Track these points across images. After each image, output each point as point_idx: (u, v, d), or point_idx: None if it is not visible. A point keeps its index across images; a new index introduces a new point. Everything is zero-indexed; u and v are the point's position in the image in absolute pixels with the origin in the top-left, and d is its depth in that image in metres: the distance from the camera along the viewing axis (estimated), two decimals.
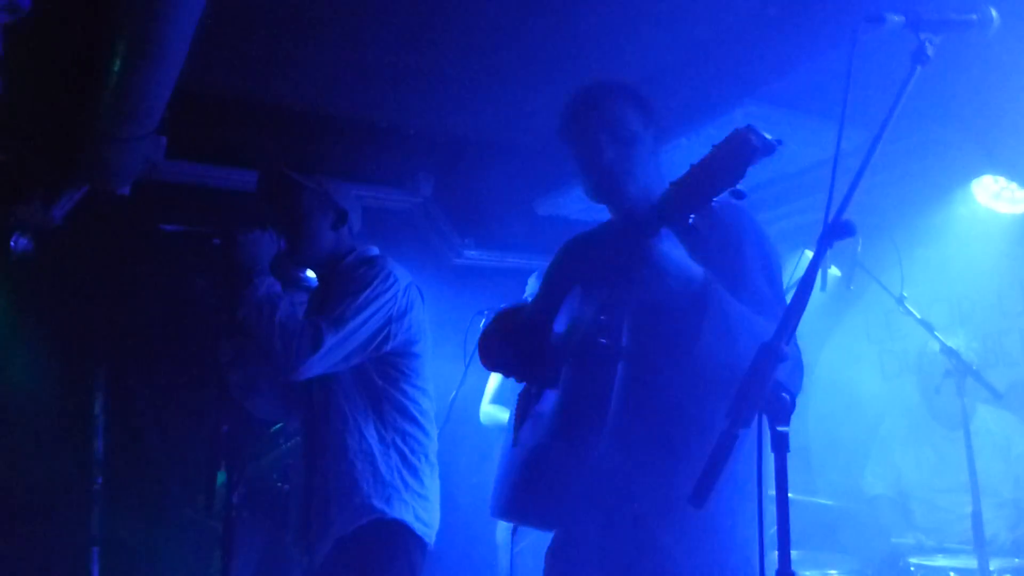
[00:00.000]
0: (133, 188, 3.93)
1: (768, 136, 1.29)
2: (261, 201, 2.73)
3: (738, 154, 1.33)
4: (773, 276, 1.78)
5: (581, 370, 1.71)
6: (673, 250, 1.54)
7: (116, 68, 2.78)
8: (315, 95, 3.93)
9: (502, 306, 2.24)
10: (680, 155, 4.17)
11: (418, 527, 2.49)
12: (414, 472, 2.53)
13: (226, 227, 2.46)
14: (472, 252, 4.89)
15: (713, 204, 1.57)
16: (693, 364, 1.57)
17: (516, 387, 2.03)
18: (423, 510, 2.53)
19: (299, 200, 2.66)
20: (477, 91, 3.90)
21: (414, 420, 2.57)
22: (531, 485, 1.75)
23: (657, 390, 1.71)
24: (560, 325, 1.90)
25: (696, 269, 1.57)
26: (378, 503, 2.43)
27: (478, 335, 4.13)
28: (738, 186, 1.37)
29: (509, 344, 2.05)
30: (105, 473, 3.93)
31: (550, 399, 1.80)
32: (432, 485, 2.59)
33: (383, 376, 2.55)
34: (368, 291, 2.45)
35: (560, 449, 1.70)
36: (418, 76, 3.76)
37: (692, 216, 1.42)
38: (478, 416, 4.40)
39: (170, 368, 3.98)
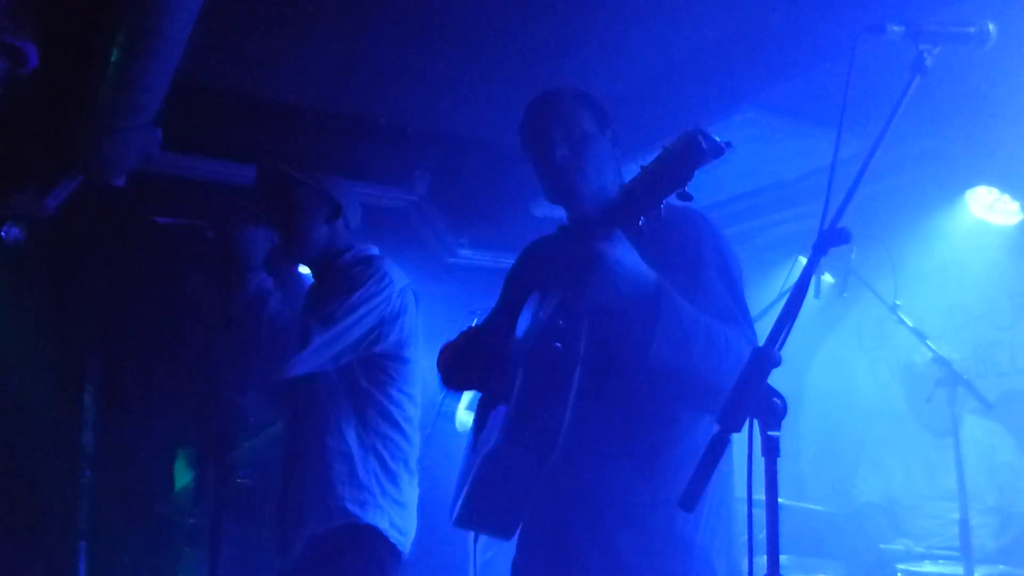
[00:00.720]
0: (128, 180, 3.92)
1: (717, 139, 1.29)
2: (258, 198, 2.71)
3: (686, 157, 1.33)
4: (733, 281, 1.75)
5: (536, 376, 1.66)
6: (625, 254, 1.52)
7: (114, 58, 2.77)
8: (313, 91, 3.93)
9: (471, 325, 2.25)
10: None
11: (392, 534, 2.44)
12: (392, 478, 2.48)
13: (221, 221, 2.45)
14: (466, 252, 4.89)
15: (668, 208, 1.57)
16: (648, 370, 1.55)
17: None
18: (399, 517, 2.47)
19: (292, 194, 2.63)
20: (475, 90, 3.90)
21: (397, 425, 2.53)
22: (486, 494, 1.71)
23: (613, 396, 1.69)
24: (520, 330, 1.89)
25: (648, 273, 1.55)
26: (352, 507, 2.39)
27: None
28: (687, 189, 1.36)
29: (468, 357, 2.04)
30: (94, 466, 3.92)
31: (509, 405, 1.76)
32: (410, 493, 2.54)
33: (369, 379, 2.50)
34: (362, 290, 2.42)
35: (515, 457, 1.66)
36: (417, 74, 3.75)
37: (642, 219, 1.41)
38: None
39: (162, 362, 3.97)
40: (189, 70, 3.13)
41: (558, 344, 1.62)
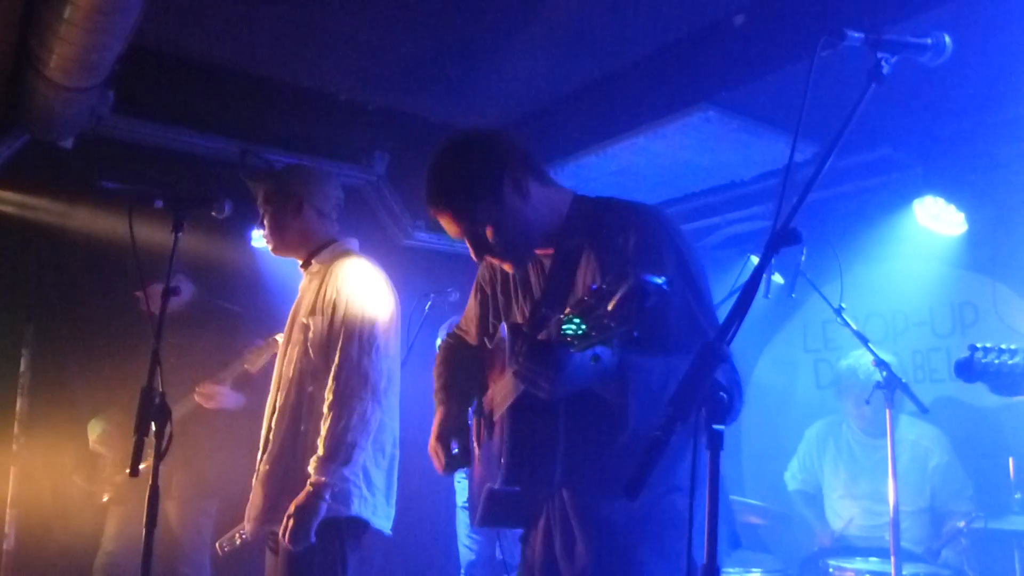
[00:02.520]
0: (76, 141, 3.80)
1: (659, 281, 1.25)
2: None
3: (632, 305, 1.24)
4: (695, 285, 1.73)
5: (523, 420, 1.70)
6: (583, 357, 1.48)
7: (66, 15, 2.68)
8: (274, 63, 3.85)
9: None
10: (637, 154, 4.22)
11: (372, 520, 2.53)
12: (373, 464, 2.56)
13: (170, 188, 2.39)
14: (422, 235, 4.86)
15: (623, 215, 1.68)
16: (629, 431, 1.59)
17: None
18: (372, 499, 2.54)
19: (264, 194, 2.74)
20: (440, 73, 3.87)
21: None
22: (498, 515, 1.90)
23: (600, 432, 1.72)
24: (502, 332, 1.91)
25: (607, 359, 1.53)
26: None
27: (423, 319, 4.13)
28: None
29: (456, 363, 2.16)
30: (27, 433, 3.81)
31: (499, 431, 1.81)
32: (383, 475, 2.60)
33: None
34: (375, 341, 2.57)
35: (516, 494, 1.80)
36: (381, 52, 3.71)
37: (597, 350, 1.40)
38: (417, 398, 4.39)
39: (101, 329, 3.86)
40: (147, 32, 3.04)
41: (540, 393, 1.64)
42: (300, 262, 2.81)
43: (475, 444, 2.05)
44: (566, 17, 3.37)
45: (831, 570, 3.34)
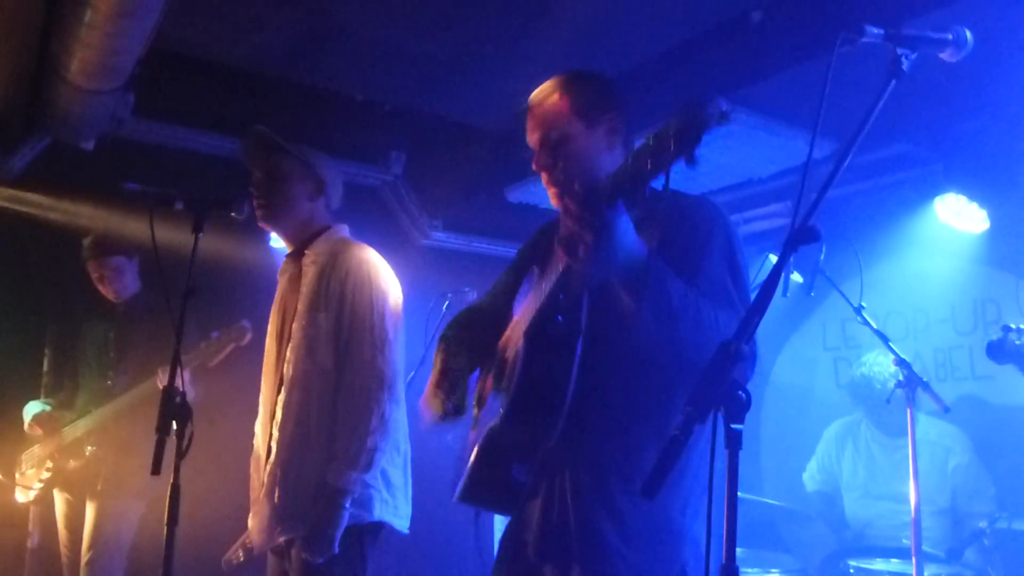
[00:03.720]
0: (97, 144, 3.84)
1: (724, 106, 1.27)
2: (244, 162, 2.73)
3: (692, 123, 1.30)
4: (738, 271, 1.76)
5: (539, 351, 1.68)
6: (627, 228, 1.51)
7: (87, 19, 2.71)
8: (291, 64, 3.87)
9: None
10: None
11: (393, 522, 2.50)
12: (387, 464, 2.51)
13: (190, 190, 2.41)
14: (440, 234, 4.88)
15: (684, 195, 1.64)
16: (635, 345, 1.56)
17: None
18: (393, 500, 2.51)
19: (280, 163, 2.66)
20: (457, 72, 3.87)
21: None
22: (489, 469, 1.77)
23: (608, 373, 1.70)
24: (519, 305, 1.90)
25: (641, 247, 1.55)
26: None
27: (440, 319, 4.14)
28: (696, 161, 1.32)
29: (470, 330, 2.07)
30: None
31: (509, 379, 1.77)
32: (398, 475, 2.56)
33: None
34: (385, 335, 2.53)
35: (519, 432, 1.71)
36: (398, 52, 3.72)
37: (648, 188, 1.39)
38: None
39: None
40: (166, 35, 3.06)
41: (560, 318, 1.64)
42: (288, 249, 2.73)
43: (475, 408, 1.99)
44: (581, 15, 3.37)
45: (851, 571, 3.31)
